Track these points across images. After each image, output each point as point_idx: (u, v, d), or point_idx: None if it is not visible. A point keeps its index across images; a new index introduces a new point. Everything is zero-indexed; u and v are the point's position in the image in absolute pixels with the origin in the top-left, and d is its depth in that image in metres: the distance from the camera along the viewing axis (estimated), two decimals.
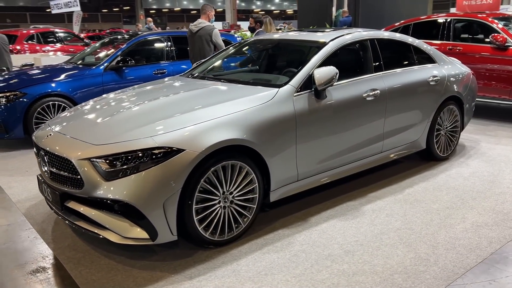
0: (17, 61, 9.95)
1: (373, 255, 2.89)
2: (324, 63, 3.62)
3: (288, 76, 3.55)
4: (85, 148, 2.78)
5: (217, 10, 45.24)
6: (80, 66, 6.36)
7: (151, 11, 46.64)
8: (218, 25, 32.17)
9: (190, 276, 2.69)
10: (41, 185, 3.18)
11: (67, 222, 2.96)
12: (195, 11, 47.75)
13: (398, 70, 4.20)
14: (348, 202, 3.74)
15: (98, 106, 3.52)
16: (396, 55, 4.44)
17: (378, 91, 3.88)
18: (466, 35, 7.12)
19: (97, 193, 2.68)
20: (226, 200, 2.98)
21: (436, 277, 2.63)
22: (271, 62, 4.40)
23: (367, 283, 2.58)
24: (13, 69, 7.82)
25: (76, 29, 22.48)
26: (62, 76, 5.87)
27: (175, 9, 45.96)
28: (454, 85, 4.68)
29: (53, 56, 9.31)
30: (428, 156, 4.72)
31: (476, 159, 4.81)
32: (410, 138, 4.37)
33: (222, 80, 3.84)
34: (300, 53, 4.07)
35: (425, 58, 4.60)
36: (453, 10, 13.93)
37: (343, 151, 3.69)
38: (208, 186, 2.85)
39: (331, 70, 3.39)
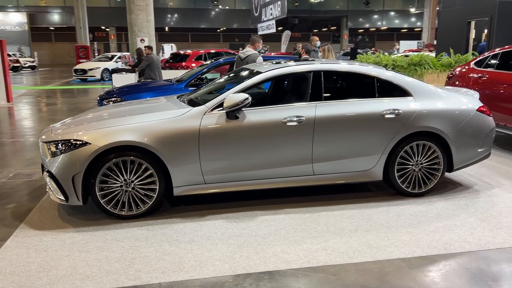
0: (176, 74, 12.64)
1: (200, 246, 3.53)
2: (250, 89, 4.30)
3: None
4: (48, 134, 4.28)
5: (416, 29, 43.33)
6: (173, 82, 8.14)
7: (359, 30, 47.91)
8: (414, 45, 31.04)
9: (79, 230, 3.89)
10: None
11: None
12: (405, 30, 46.84)
13: (343, 101, 4.43)
14: (258, 210, 4.28)
15: (93, 110, 5.02)
16: (348, 87, 4.62)
17: (303, 118, 4.27)
18: None
19: (46, 165, 4.14)
20: (128, 186, 4.05)
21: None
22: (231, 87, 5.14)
23: (140, 257, 3.31)
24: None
25: (283, 48, 25.23)
26: (154, 89, 7.74)
27: (382, 28, 46.02)
28: (429, 121, 4.51)
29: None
30: (394, 190, 4.68)
31: (450, 201, 4.50)
32: (359, 167, 4.49)
33: (181, 100, 4.84)
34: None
35: (394, 91, 4.58)
36: None
37: (256, 166, 4.25)
38: (109, 172, 3.99)
39: (239, 96, 4.09)
